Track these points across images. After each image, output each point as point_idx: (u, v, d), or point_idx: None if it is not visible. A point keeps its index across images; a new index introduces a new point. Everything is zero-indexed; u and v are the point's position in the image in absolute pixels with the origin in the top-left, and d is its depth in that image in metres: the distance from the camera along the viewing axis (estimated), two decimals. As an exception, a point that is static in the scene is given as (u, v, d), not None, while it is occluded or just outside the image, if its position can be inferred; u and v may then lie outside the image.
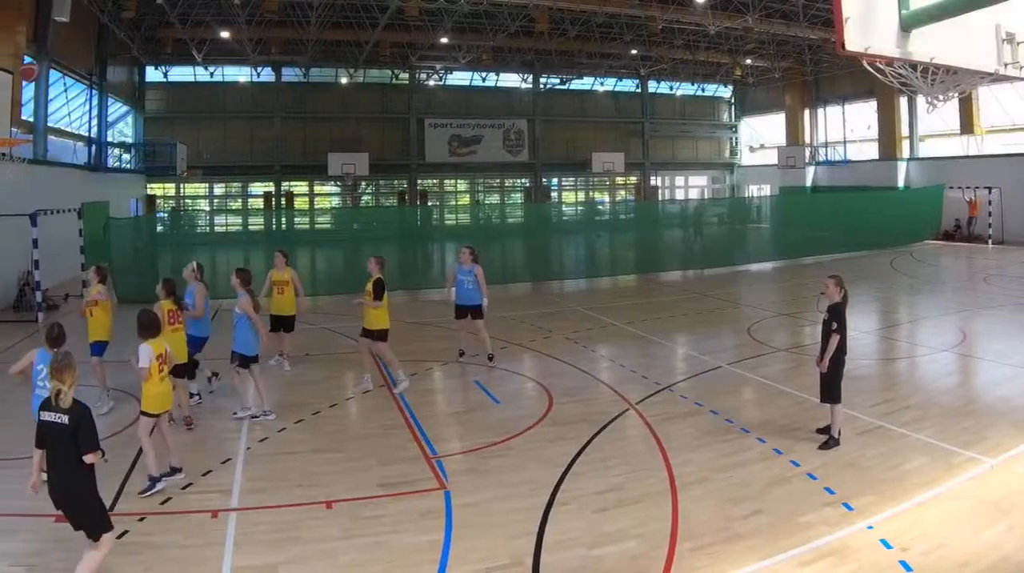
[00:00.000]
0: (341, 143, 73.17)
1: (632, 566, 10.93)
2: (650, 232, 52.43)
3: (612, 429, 16.91)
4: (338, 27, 63.58)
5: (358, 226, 55.29)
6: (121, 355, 17.79)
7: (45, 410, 10.27)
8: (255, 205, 76.41)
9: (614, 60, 74.64)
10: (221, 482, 14.04)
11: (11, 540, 11.77)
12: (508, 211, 78.87)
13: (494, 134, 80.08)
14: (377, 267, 20.79)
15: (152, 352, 14.00)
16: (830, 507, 12.52)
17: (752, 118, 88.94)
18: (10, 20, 36.38)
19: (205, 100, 72.65)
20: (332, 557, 11.35)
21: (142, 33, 60.60)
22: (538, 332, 27.79)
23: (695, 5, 54.71)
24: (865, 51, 13.02)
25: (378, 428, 17.54)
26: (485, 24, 62.72)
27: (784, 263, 48.01)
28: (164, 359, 14.25)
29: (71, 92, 49.96)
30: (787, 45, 69.07)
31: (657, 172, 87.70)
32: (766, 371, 21.66)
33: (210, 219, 65.45)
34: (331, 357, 24.69)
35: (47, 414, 10.22)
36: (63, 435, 10.11)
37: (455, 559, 11.22)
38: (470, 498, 13.32)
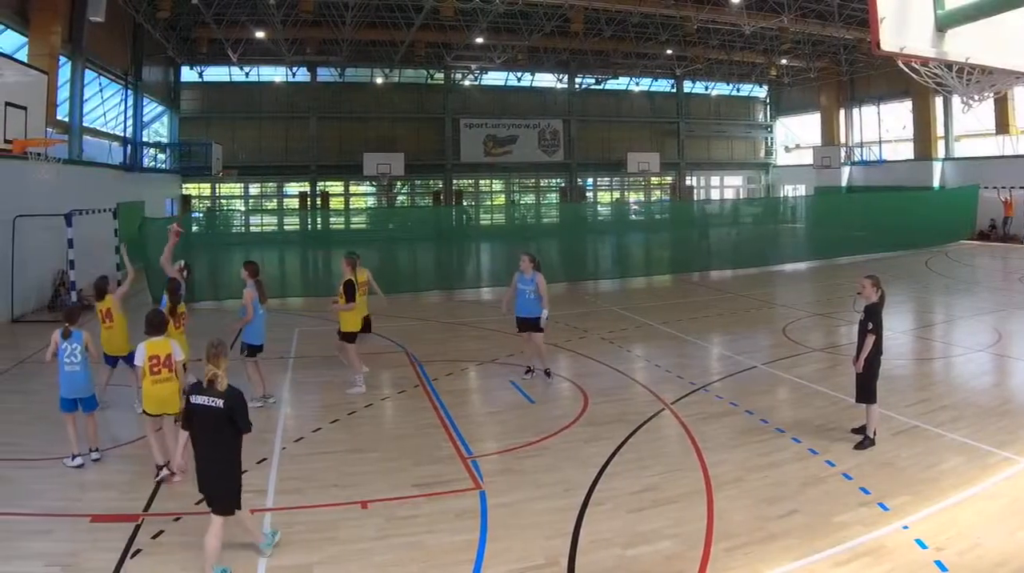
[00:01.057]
0: (376, 143, 73.41)
1: (667, 566, 10.92)
2: (685, 232, 52.37)
3: (647, 429, 16.90)
4: (373, 27, 63.67)
5: (393, 226, 55.31)
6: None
7: (197, 394, 10.84)
8: (290, 205, 76.62)
9: (649, 60, 74.44)
10: (256, 482, 14.02)
11: (46, 540, 11.78)
12: (543, 211, 78.76)
13: (529, 134, 79.99)
14: (348, 268, 20.86)
15: (145, 352, 14.17)
16: (865, 507, 12.48)
17: (787, 118, 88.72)
18: (45, 20, 36.50)
19: (240, 100, 72.90)
20: (367, 557, 11.36)
21: (177, 33, 60.86)
22: (573, 332, 27.70)
23: (730, 5, 54.74)
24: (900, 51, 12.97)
25: (413, 428, 17.52)
26: (520, 24, 62.74)
27: (819, 263, 47.86)
28: (160, 361, 14.24)
29: (106, 92, 50.07)
30: (822, 45, 68.78)
31: (692, 172, 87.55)
32: (801, 371, 21.62)
33: (245, 219, 65.51)
34: (365, 356, 23.88)
35: (199, 398, 10.81)
36: (216, 417, 10.78)
37: (490, 559, 11.23)
38: (505, 498, 13.31)
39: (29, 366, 18.79)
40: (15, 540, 11.77)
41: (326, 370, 22.83)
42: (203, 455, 10.96)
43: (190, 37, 64.00)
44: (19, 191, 30.22)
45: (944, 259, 47.59)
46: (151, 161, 59.71)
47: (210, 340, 11.25)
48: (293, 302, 36.31)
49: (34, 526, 12.27)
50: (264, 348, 19.55)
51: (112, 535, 11.80)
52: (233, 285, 19.43)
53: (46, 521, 12.43)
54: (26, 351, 17.97)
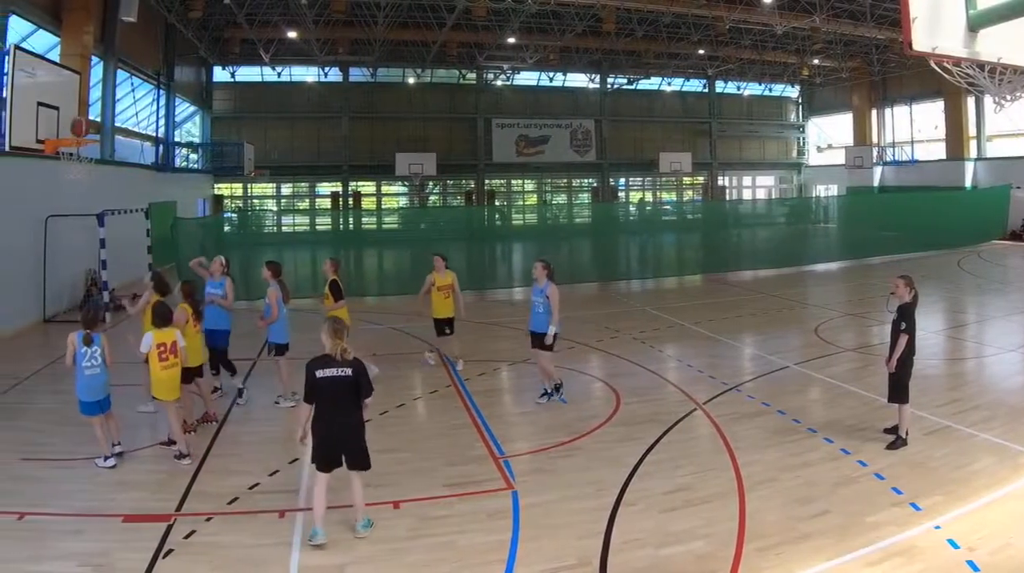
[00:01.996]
0: (408, 143, 73.70)
1: (699, 566, 10.92)
2: (717, 232, 52.49)
3: (679, 429, 16.91)
4: (405, 27, 63.75)
5: (425, 226, 55.71)
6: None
7: (324, 368, 11.88)
8: (322, 205, 76.74)
9: (681, 60, 74.22)
10: (288, 482, 14.15)
11: (78, 540, 11.82)
12: (575, 211, 78.90)
13: (561, 134, 79.95)
14: (332, 269, 21.14)
15: (153, 340, 14.91)
16: (897, 507, 12.46)
17: (819, 118, 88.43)
18: (78, 20, 36.70)
19: (272, 100, 73.20)
20: (399, 557, 11.39)
21: (209, 33, 61.14)
22: (605, 332, 27.69)
23: (762, 5, 54.57)
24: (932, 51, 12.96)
25: (445, 428, 17.58)
26: (552, 24, 62.70)
27: (851, 263, 47.79)
28: (167, 348, 15.24)
29: (138, 92, 50.34)
30: (854, 45, 68.59)
31: (724, 172, 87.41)
32: (833, 371, 21.58)
33: (277, 219, 65.99)
34: (398, 357, 24.70)
35: (328, 370, 11.88)
36: (345, 386, 11.90)
37: (522, 559, 11.25)
38: (537, 498, 13.32)
39: (60, 366, 18.86)
40: (47, 540, 11.84)
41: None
42: (337, 421, 11.88)
43: (222, 37, 64.23)
44: (51, 191, 30.33)
45: (976, 259, 47.48)
46: (183, 161, 60.17)
47: (330, 318, 12.49)
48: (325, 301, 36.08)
49: (66, 526, 12.32)
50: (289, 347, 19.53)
51: (144, 535, 11.86)
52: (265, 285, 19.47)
53: (78, 521, 12.48)
54: (58, 351, 18.10)
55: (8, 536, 12.00)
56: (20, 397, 18.33)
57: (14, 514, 12.66)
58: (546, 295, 18.87)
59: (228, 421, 17.99)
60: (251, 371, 22.05)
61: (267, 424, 17.74)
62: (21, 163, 27.49)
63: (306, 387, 11.91)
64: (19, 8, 32.29)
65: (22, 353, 24.42)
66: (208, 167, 64.83)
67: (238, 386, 19.55)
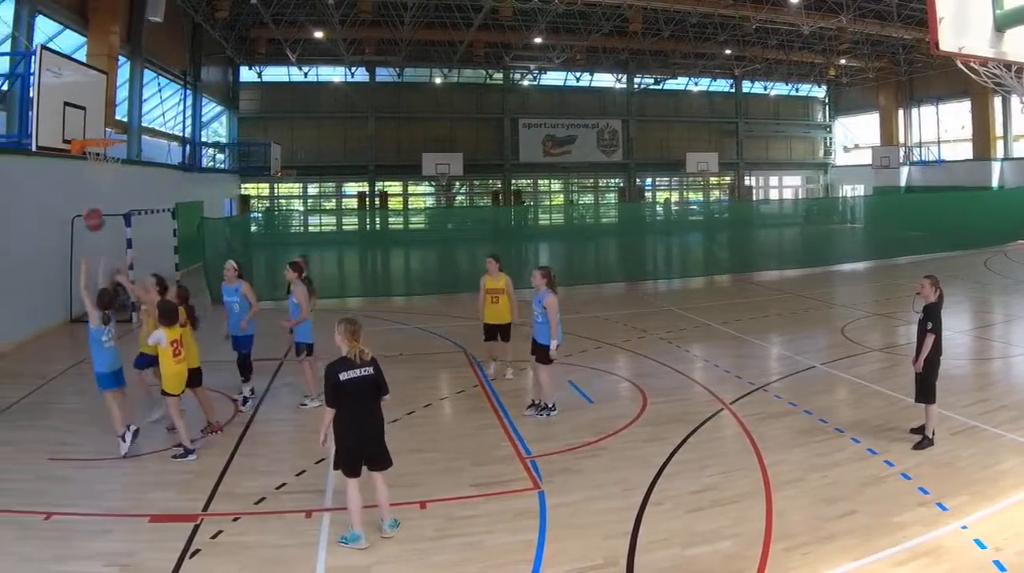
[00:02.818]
0: (435, 143, 73.83)
1: (726, 566, 10.93)
2: (744, 232, 52.59)
3: (706, 429, 16.91)
4: (432, 27, 63.95)
5: (452, 226, 56.08)
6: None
7: (346, 370, 11.78)
8: (349, 205, 77.04)
9: (708, 60, 74.24)
10: (314, 482, 14.16)
11: (105, 540, 11.88)
12: (602, 211, 79.23)
13: (588, 134, 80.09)
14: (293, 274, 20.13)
15: (166, 337, 15.10)
16: (924, 507, 12.44)
17: (846, 118, 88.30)
18: (104, 20, 36.79)
19: (299, 100, 73.56)
20: (425, 557, 11.42)
21: (236, 33, 61.45)
22: (632, 332, 27.71)
23: (789, 5, 54.52)
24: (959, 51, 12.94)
25: (472, 428, 17.61)
26: (579, 24, 62.82)
27: (878, 263, 47.65)
28: (179, 343, 15.63)
29: (165, 92, 50.43)
30: (881, 45, 68.56)
31: (751, 172, 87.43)
32: (860, 371, 21.52)
33: (304, 219, 66.51)
34: (424, 357, 24.79)
35: (351, 372, 11.81)
36: (369, 384, 11.94)
37: (549, 559, 11.25)
38: (564, 498, 13.33)
39: (88, 367, 18.91)
40: (75, 540, 11.89)
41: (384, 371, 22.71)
42: (364, 421, 11.88)
43: (249, 37, 64.49)
44: (78, 191, 30.17)
45: (1003, 259, 47.21)
46: (210, 161, 60.44)
47: (347, 318, 12.24)
48: (352, 302, 36.61)
49: (93, 526, 12.36)
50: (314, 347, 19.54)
51: (171, 535, 11.90)
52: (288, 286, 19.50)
53: (105, 521, 12.53)
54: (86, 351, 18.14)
55: (35, 536, 12.06)
56: (47, 397, 18.41)
57: (41, 514, 12.72)
58: (543, 305, 18.17)
59: (255, 421, 18.07)
60: (278, 371, 22.12)
61: (293, 424, 17.81)
62: (48, 163, 27.57)
63: (329, 391, 11.77)
64: (46, 8, 32.40)
65: (48, 353, 24.51)
66: (235, 167, 65.14)
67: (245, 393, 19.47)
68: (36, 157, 25.35)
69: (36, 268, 26.77)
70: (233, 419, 18.07)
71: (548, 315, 17.96)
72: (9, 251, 25.67)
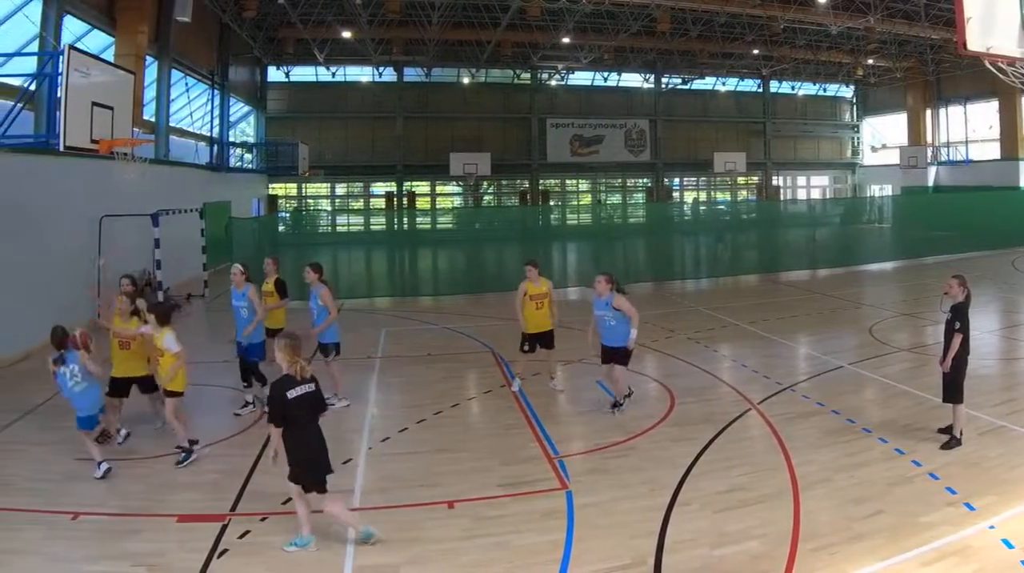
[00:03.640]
0: (463, 143, 73.83)
1: (754, 566, 10.94)
2: (771, 232, 52.61)
3: (734, 429, 16.91)
4: (459, 27, 64.04)
5: (480, 226, 56.27)
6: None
7: (292, 388, 11.44)
8: (377, 205, 77.14)
9: (736, 60, 74.18)
10: (343, 482, 13.99)
11: (133, 540, 11.95)
12: (629, 211, 79.23)
13: (616, 134, 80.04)
14: (275, 267, 20.79)
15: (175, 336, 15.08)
16: (952, 507, 12.40)
17: (874, 118, 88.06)
18: (132, 20, 36.90)
19: (327, 100, 73.73)
20: (453, 557, 11.43)
21: (264, 33, 61.69)
22: (660, 332, 27.67)
23: (817, 5, 54.50)
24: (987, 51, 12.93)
25: (499, 428, 17.64)
26: (607, 24, 62.61)
27: (906, 263, 47.50)
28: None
29: (193, 92, 50.60)
30: (909, 45, 68.54)
31: (779, 172, 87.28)
32: (888, 371, 21.48)
33: (332, 219, 67.34)
34: (452, 357, 24.85)
35: (297, 389, 11.48)
36: (314, 400, 11.73)
37: (576, 559, 11.25)
38: (592, 498, 13.33)
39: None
40: (103, 540, 11.97)
41: (412, 370, 23.02)
42: (316, 438, 11.76)
43: (276, 37, 64.85)
44: (105, 191, 30.56)
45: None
46: (237, 161, 60.55)
47: (288, 333, 11.93)
48: (380, 302, 36.67)
49: (122, 526, 12.45)
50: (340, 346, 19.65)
51: (199, 535, 11.97)
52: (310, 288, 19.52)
53: (134, 521, 12.61)
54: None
55: (63, 536, 12.14)
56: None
57: (69, 514, 12.80)
58: (614, 308, 18.00)
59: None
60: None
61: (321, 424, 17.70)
62: (75, 163, 27.68)
63: (276, 409, 11.52)
64: (74, 8, 32.50)
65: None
66: (263, 167, 65.27)
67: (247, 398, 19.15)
68: (64, 157, 25.42)
69: (64, 268, 26.84)
70: (261, 419, 17.91)
71: (628, 313, 17.94)
72: (37, 251, 25.78)
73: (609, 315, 18.02)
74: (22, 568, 11.11)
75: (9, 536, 12.01)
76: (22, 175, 25.72)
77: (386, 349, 26.17)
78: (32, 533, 12.18)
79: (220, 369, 22.14)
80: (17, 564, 11.17)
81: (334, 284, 21.43)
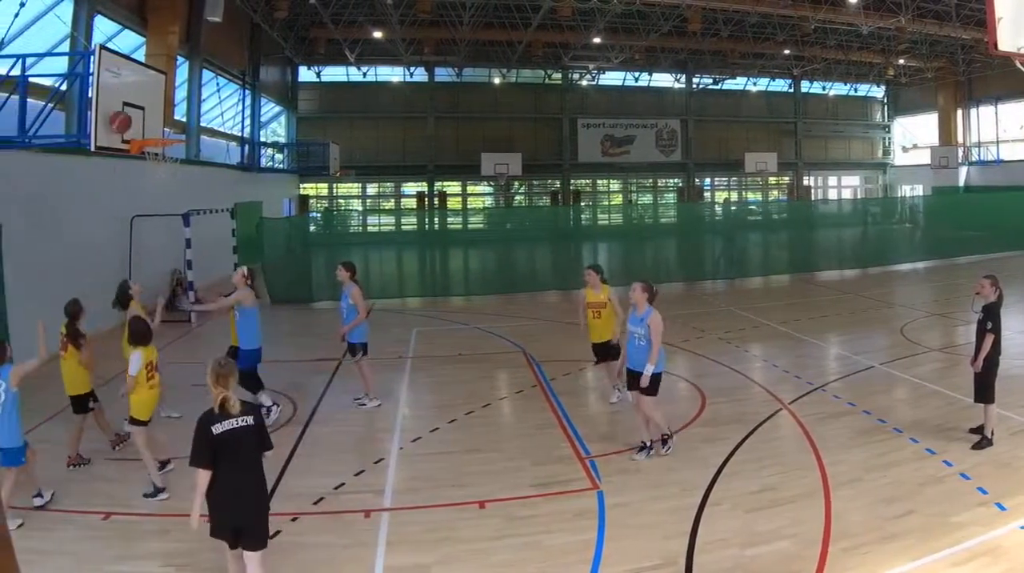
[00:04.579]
0: (494, 143, 73.90)
1: (785, 566, 10.96)
2: (802, 232, 52.49)
3: (765, 429, 16.94)
4: (491, 27, 64.13)
5: (511, 226, 56.10)
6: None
7: (220, 421, 9.82)
8: (408, 205, 77.42)
9: (767, 60, 74.16)
10: (374, 482, 14.26)
11: (163, 540, 12.06)
12: (660, 211, 79.26)
13: (647, 134, 79.99)
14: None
15: (142, 359, 14.07)
16: (983, 507, 12.39)
17: (905, 118, 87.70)
18: (163, 20, 36.99)
19: (358, 100, 73.91)
20: (485, 557, 11.48)
21: (295, 33, 61.77)
22: (691, 332, 27.66)
23: (848, 5, 54.37)
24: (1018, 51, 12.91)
25: (531, 428, 17.66)
26: (638, 24, 62.68)
27: (937, 263, 47.38)
28: (152, 366, 14.42)
29: (224, 92, 50.86)
30: (940, 45, 68.24)
31: (810, 172, 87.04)
32: (919, 371, 21.48)
33: (363, 219, 67.54)
34: (483, 357, 24.92)
35: (226, 423, 9.83)
36: (251, 437, 10.01)
37: (608, 559, 11.28)
38: (623, 498, 13.38)
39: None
40: (132, 540, 12.08)
41: (443, 370, 23.11)
42: (243, 483, 9.99)
43: (307, 37, 64.95)
44: (136, 191, 30.91)
45: (1063, 259, 46.73)
46: (268, 161, 60.95)
47: (216, 360, 10.33)
48: (411, 302, 36.80)
49: (151, 526, 12.57)
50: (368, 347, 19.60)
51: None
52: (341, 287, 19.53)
53: (163, 521, 12.69)
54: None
55: (93, 536, 12.23)
56: (103, 397, 18.38)
57: (99, 514, 12.91)
58: (647, 324, 15.28)
59: (313, 421, 18.17)
60: (336, 372, 22.09)
61: (351, 425, 17.87)
62: (106, 163, 27.86)
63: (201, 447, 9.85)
64: (105, 9, 32.71)
65: (105, 354, 24.57)
66: (294, 167, 65.58)
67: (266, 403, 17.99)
68: (94, 157, 25.48)
69: (95, 268, 26.93)
70: (292, 418, 18.24)
71: (651, 336, 15.18)
72: (69, 250, 25.97)
73: (640, 333, 15.39)
74: (54, 568, 11.18)
75: (41, 536, 12.09)
76: (53, 175, 25.90)
77: (417, 349, 26.24)
78: (63, 533, 12.27)
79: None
80: (49, 564, 11.24)
81: (365, 284, 21.47)
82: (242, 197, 44.12)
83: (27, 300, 23.09)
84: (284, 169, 64.17)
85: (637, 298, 15.55)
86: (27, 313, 22.47)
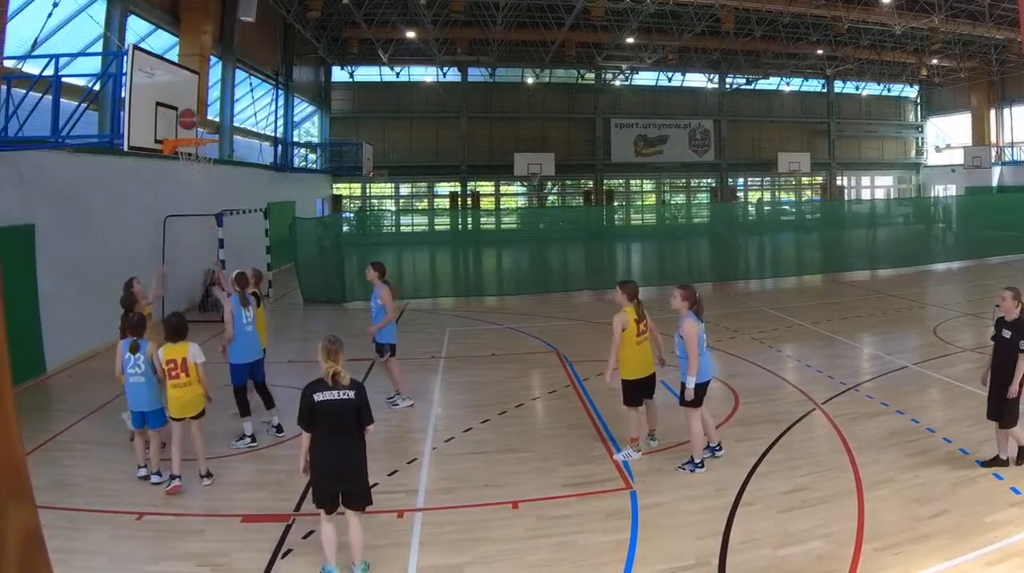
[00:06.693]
0: (527, 143, 74.04)
1: (818, 566, 10.95)
2: (836, 232, 52.48)
3: (798, 429, 16.94)
4: (523, 27, 64.17)
5: (544, 226, 56.23)
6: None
7: (322, 391, 10.77)
8: (441, 205, 77.52)
9: (800, 60, 73.76)
10: (407, 482, 14.31)
11: (197, 540, 12.11)
12: (693, 211, 79.11)
13: (680, 134, 79.87)
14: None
15: (163, 357, 14.10)
16: (1017, 507, 12.41)
17: (938, 118, 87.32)
18: (196, 20, 37.30)
19: (391, 100, 74.16)
20: (518, 557, 11.52)
21: (328, 33, 61.78)
22: (724, 332, 27.63)
23: (881, 5, 54.18)
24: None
25: (564, 428, 17.68)
26: (671, 24, 62.54)
27: (970, 263, 47.19)
28: (177, 365, 14.18)
29: (257, 92, 51.08)
30: (973, 45, 67.83)
31: (843, 172, 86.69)
32: (952, 371, 21.41)
33: (396, 219, 67.09)
34: (516, 357, 24.99)
35: (327, 393, 10.75)
36: (349, 410, 10.81)
37: (641, 559, 11.32)
38: (656, 498, 13.42)
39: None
40: (167, 540, 12.12)
41: (476, 370, 23.18)
42: (341, 450, 10.84)
43: (340, 37, 64.93)
44: (169, 191, 31.05)
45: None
46: (302, 161, 61.25)
47: (328, 337, 11.25)
48: (444, 302, 36.89)
49: (186, 526, 12.63)
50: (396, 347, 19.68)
51: (262, 535, 12.13)
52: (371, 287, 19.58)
53: (197, 521, 12.79)
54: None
55: (128, 536, 12.31)
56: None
57: (134, 514, 12.98)
58: (683, 334, 14.43)
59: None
60: (369, 372, 21.98)
61: (384, 425, 17.56)
62: (140, 163, 28.08)
63: (301, 410, 10.85)
64: (138, 8, 32.93)
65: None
66: (327, 167, 65.90)
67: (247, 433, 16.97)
68: (128, 157, 25.67)
69: (129, 268, 26.81)
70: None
71: (687, 349, 14.37)
72: (102, 250, 26.18)
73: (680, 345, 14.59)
74: (87, 568, 11.21)
75: (75, 536, 12.12)
76: (86, 175, 26.02)
77: (450, 349, 26.31)
78: (97, 533, 12.32)
79: (284, 368, 22.44)
80: (82, 564, 11.26)
81: (398, 284, 21.53)
82: (275, 197, 44.68)
83: (60, 300, 23.23)
84: (317, 169, 64.37)
85: (678, 304, 14.75)
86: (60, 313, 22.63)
